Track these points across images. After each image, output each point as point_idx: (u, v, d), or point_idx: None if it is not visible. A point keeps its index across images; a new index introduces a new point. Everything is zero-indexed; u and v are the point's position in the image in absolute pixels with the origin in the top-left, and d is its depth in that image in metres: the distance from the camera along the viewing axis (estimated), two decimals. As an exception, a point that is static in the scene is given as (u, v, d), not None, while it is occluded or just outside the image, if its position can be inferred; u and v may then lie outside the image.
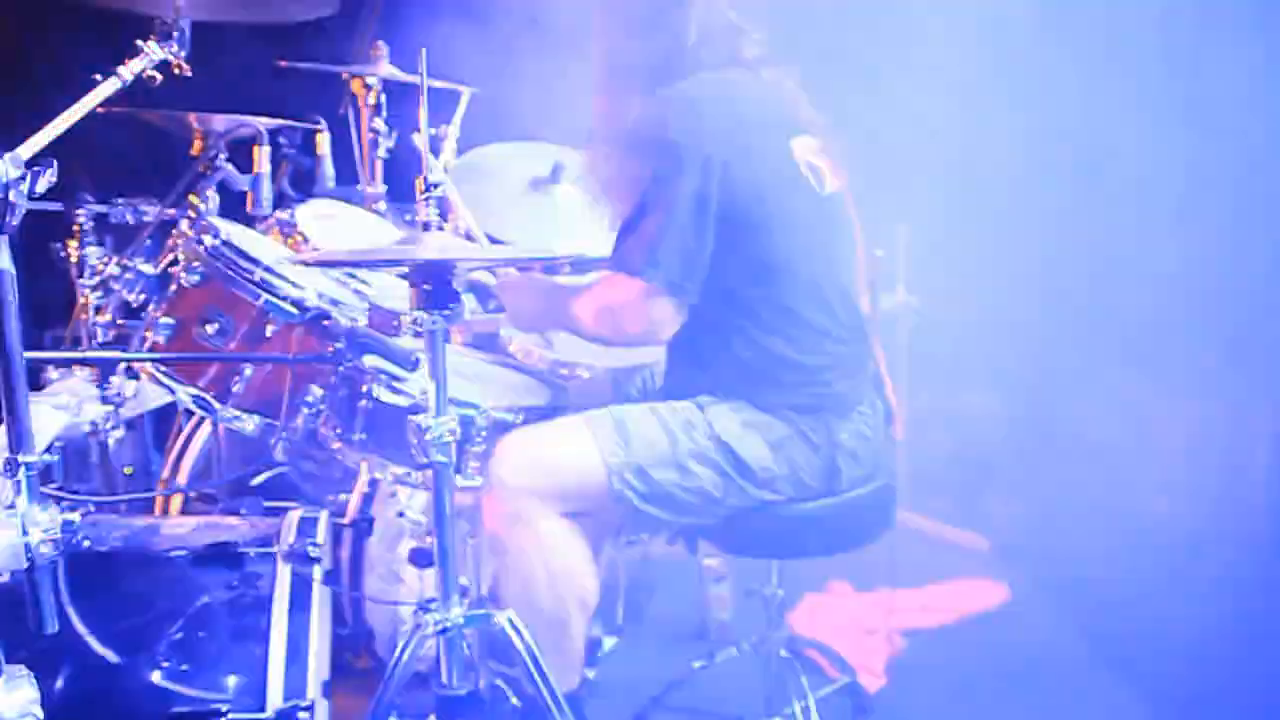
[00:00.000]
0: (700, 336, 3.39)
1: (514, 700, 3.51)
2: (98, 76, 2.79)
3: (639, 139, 3.34)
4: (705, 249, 3.24)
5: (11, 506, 2.32)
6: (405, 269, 2.89)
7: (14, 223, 2.21)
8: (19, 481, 2.31)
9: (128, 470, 4.10)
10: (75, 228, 3.62)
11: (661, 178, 3.24)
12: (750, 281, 3.31)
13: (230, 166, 3.68)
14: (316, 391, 3.41)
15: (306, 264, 3.62)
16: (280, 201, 4.06)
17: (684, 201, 3.22)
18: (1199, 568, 4.84)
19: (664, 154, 3.25)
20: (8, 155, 2.21)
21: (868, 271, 3.76)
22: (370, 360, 3.25)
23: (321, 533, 3.17)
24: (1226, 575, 4.67)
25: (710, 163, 3.23)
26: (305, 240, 3.99)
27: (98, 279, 3.55)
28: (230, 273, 3.42)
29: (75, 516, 2.43)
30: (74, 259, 3.61)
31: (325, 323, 3.29)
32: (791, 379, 3.38)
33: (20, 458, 2.30)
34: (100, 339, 3.53)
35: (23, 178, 2.21)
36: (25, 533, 2.29)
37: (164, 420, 4.42)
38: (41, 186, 2.28)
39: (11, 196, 2.19)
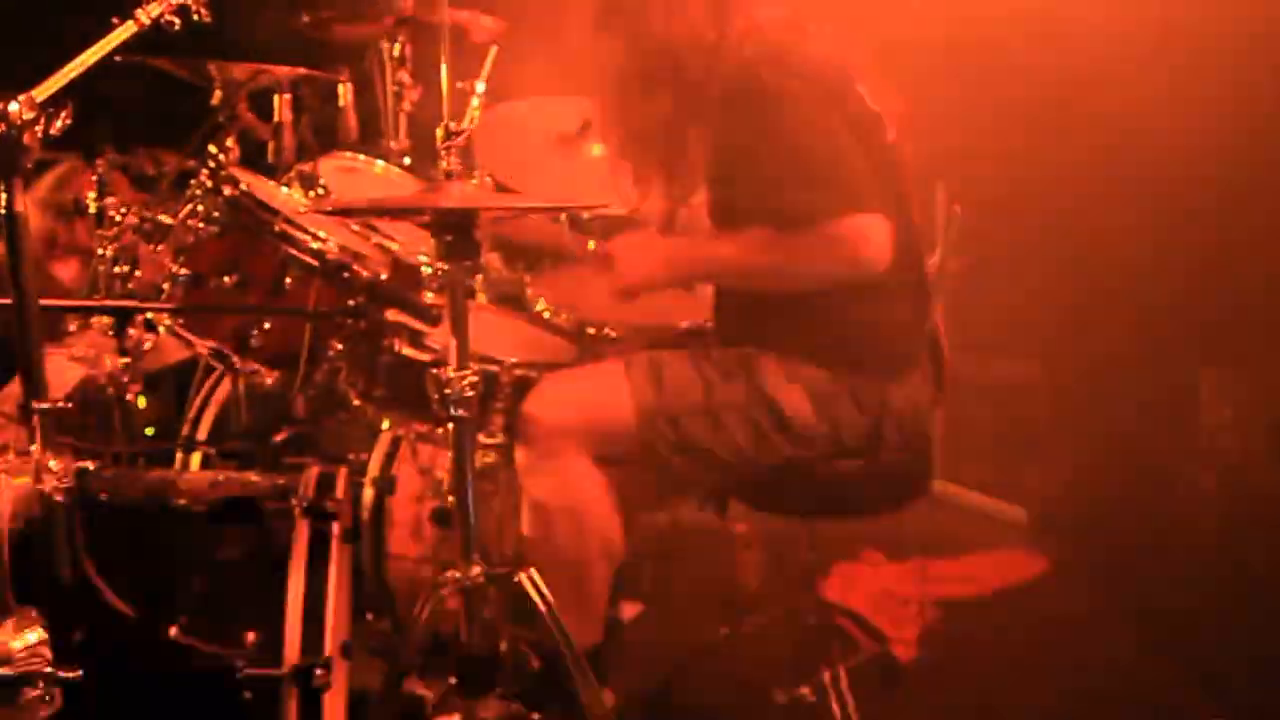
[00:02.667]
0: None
1: (534, 663, 3.55)
2: (115, 20, 2.81)
3: (724, 104, 3.35)
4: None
5: (27, 453, 2.36)
6: (427, 219, 2.92)
7: (29, 165, 2.24)
8: (34, 428, 2.35)
9: (149, 432, 4.14)
10: (93, 177, 3.66)
11: (796, 122, 3.26)
12: None
13: (251, 116, 3.71)
14: (337, 346, 3.44)
15: (325, 212, 3.65)
16: (302, 153, 4.09)
17: (836, 132, 3.26)
18: (1241, 542, 4.86)
19: (781, 105, 3.27)
20: (22, 96, 2.25)
21: (935, 227, 3.77)
22: (392, 314, 3.28)
23: (341, 489, 3.19)
24: (1271, 550, 4.68)
25: (828, 101, 3.29)
26: (326, 193, 4.02)
27: (115, 230, 3.58)
28: (250, 224, 3.45)
29: (90, 465, 2.48)
30: (92, 209, 3.65)
31: (346, 275, 3.33)
32: (850, 334, 3.42)
33: (35, 404, 2.34)
34: (118, 290, 3.56)
35: (37, 119, 2.25)
36: (39, 479, 2.34)
37: (187, 383, 4.46)
38: (56, 129, 2.31)
39: (26, 139, 2.22)
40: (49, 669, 2.20)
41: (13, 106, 2.21)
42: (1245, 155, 4.86)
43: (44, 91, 2.33)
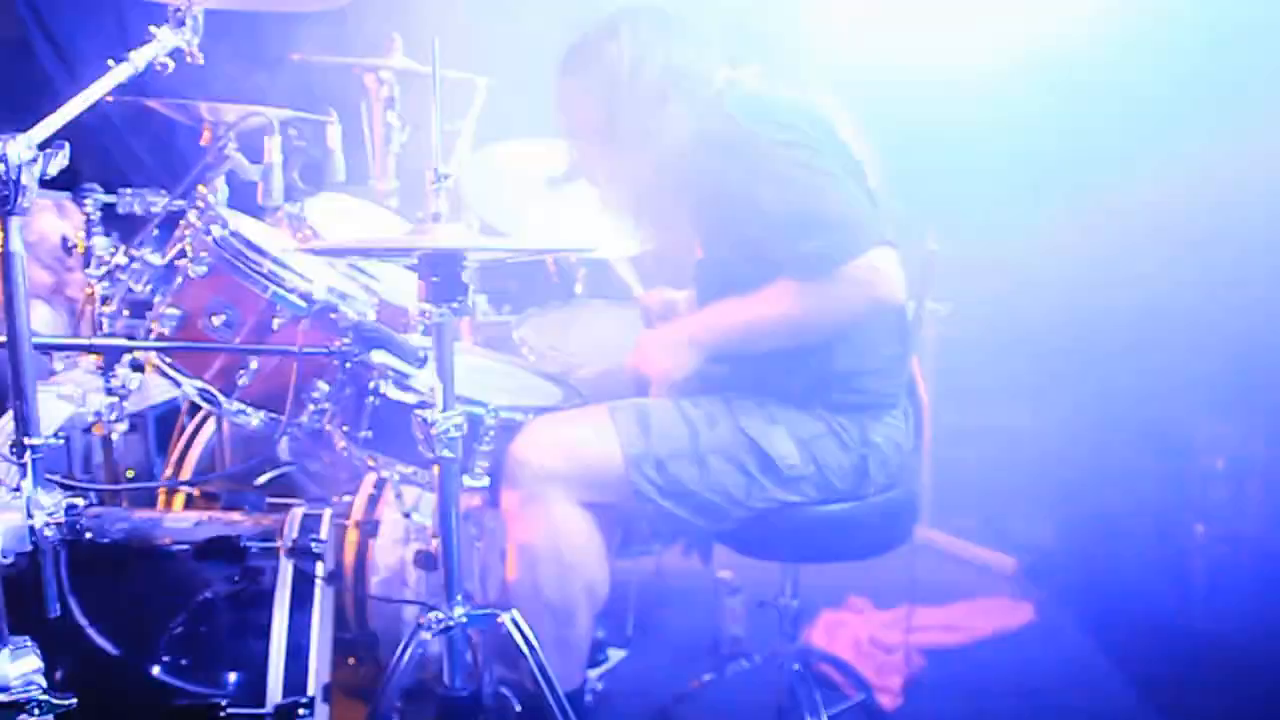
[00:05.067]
0: None
1: (516, 705, 3.60)
2: (110, 63, 2.87)
3: (711, 156, 3.41)
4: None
5: (17, 489, 2.42)
6: (414, 261, 2.98)
7: (25, 204, 2.31)
8: (24, 465, 2.41)
9: (130, 474, 4.18)
10: (83, 217, 3.71)
11: (793, 169, 3.31)
12: None
13: (240, 157, 3.77)
14: (323, 387, 3.49)
15: (313, 252, 3.71)
16: (290, 194, 4.14)
17: (835, 174, 3.33)
18: (1228, 591, 4.91)
19: (774, 153, 3.33)
20: (20, 136, 2.32)
21: (915, 270, 3.83)
22: (378, 356, 3.34)
23: (325, 530, 3.24)
24: (1257, 600, 4.73)
25: (819, 140, 3.37)
26: (314, 234, 4.08)
27: (104, 269, 3.64)
28: (238, 264, 3.51)
29: (79, 501, 2.54)
30: (81, 249, 3.70)
31: (332, 316, 3.38)
32: (831, 376, 3.49)
33: (27, 440, 2.41)
34: (106, 329, 3.61)
35: (34, 160, 2.32)
36: (30, 515, 2.40)
37: (167, 425, 4.51)
38: (53, 169, 2.38)
39: (23, 178, 2.30)
40: (44, 696, 2.24)
41: (10, 147, 2.28)
42: (1237, 202, 4.93)
43: (42, 132, 2.41)
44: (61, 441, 2.60)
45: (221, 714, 2.75)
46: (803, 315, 3.36)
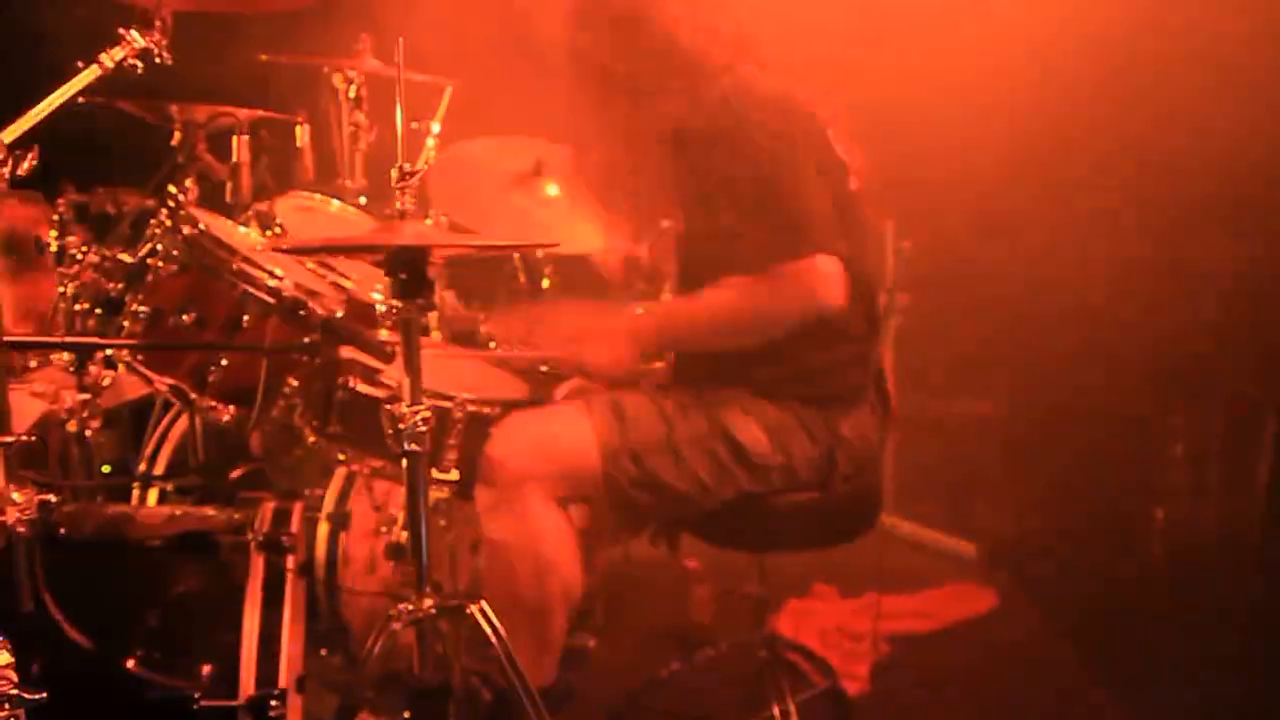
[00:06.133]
0: None
1: (486, 695, 3.60)
2: (80, 64, 2.88)
3: (699, 136, 3.42)
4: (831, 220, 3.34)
5: (-12, 486, 2.43)
6: (381, 258, 2.98)
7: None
8: (-3, 461, 2.42)
9: (105, 469, 4.18)
10: (55, 216, 3.72)
11: (771, 161, 3.32)
12: None
13: (210, 157, 3.77)
14: (292, 382, 3.50)
15: (282, 251, 3.71)
16: (259, 193, 4.15)
17: (806, 175, 3.35)
18: (1191, 576, 4.93)
19: (757, 142, 3.33)
20: (-10, 138, 2.33)
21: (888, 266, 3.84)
22: (347, 351, 3.34)
23: (296, 523, 3.24)
24: (1220, 584, 4.75)
25: (803, 144, 3.38)
26: (283, 232, 4.08)
27: (77, 268, 3.64)
28: (208, 262, 3.52)
29: (52, 497, 2.55)
30: (53, 247, 3.70)
31: (301, 312, 3.39)
32: (802, 369, 3.50)
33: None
34: (78, 327, 3.61)
35: (4, 161, 2.33)
36: (2, 511, 2.41)
37: (141, 421, 4.50)
38: (24, 170, 2.39)
39: (-6, 180, 2.31)
40: (15, 691, 2.25)
41: (-20, 148, 2.29)
42: (1201, 198, 4.95)
43: (11, 133, 2.41)
44: (34, 439, 2.61)
45: (194, 706, 2.74)
46: (743, 314, 3.38)
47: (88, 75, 2.87)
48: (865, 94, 4.47)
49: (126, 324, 3.54)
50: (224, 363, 3.49)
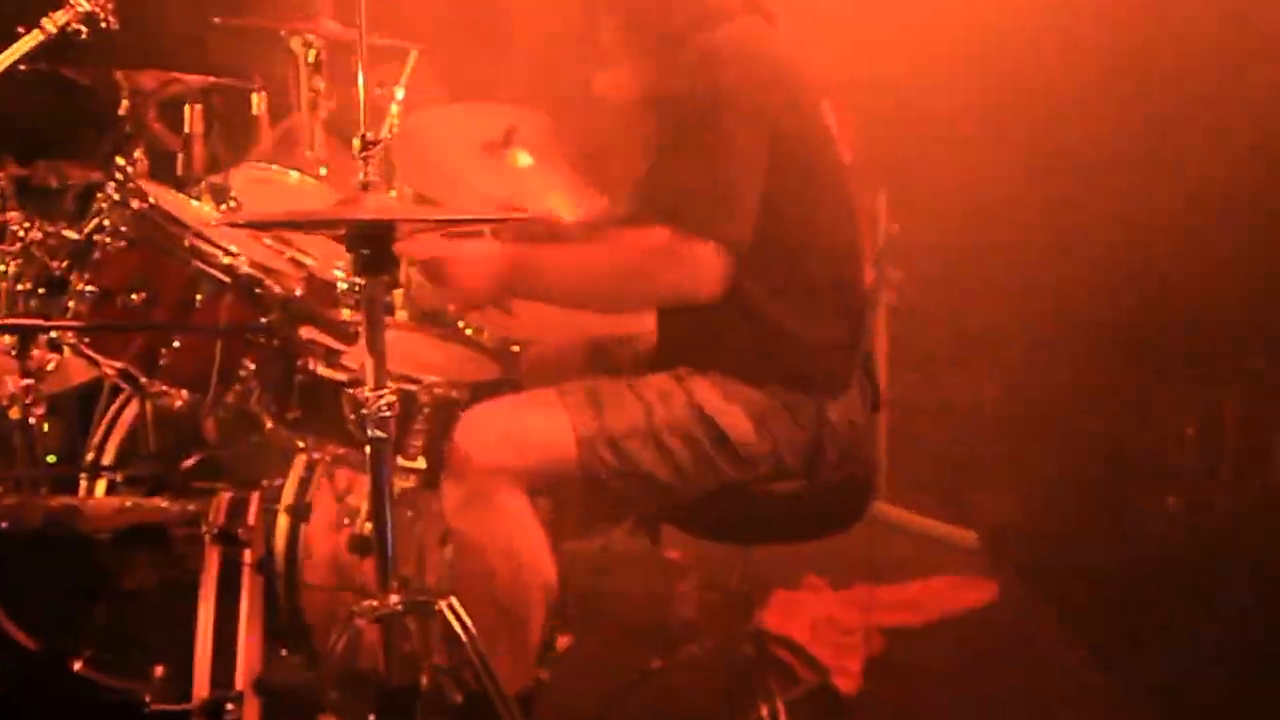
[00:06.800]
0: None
1: (456, 695, 3.59)
2: (20, 29, 2.86)
3: (672, 93, 3.37)
4: (755, 202, 3.27)
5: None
6: (342, 233, 2.96)
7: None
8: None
9: (51, 459, 4.17)
10: (-6, 190, 3.71)
11: (715, 128, 3.26)
12: (768, 245, 3.33)
13: (160, 126, 3.75)
14: (249, 366, 3.48)
15: (237, 226, 3.69)
16: (213, 165, 4.13)
17: (741, 152, 3.26)
18: (1203, 562, 4.94)
19: (717, 103, 3.27)
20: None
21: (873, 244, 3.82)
22: (307, 332, 3.33)
23: (253, 515, 3.23)
24: (1223, 572, 4.76)
25: (765, 112, 3.29)
26: (238, 206, 4.06)
27: (19, 245, 3.62)
28: (158, 238, 3.49)
29: (-8, 489, 2.54)
30: (-8, 226, 3.69)
31: (258, 291, 3.37)
32: (787, 351, 3.46)
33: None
34: (21, 309, 3.59)
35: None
36: (-62, 504, 2.40)
37: (89, 407, 4.48)
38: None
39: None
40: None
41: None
42: (1201, 176, 4.95)
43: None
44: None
45: (145, 710, 2.73)
46: (602, 277, 3.36)
47: (29, 41, 2.85)
48: (866, 69, 4.47)
49: (72, 304, 3.52)
50: (176, 345, 3.47)
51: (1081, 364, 5.62)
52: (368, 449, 2.94)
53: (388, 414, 2.91)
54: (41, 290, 3.65)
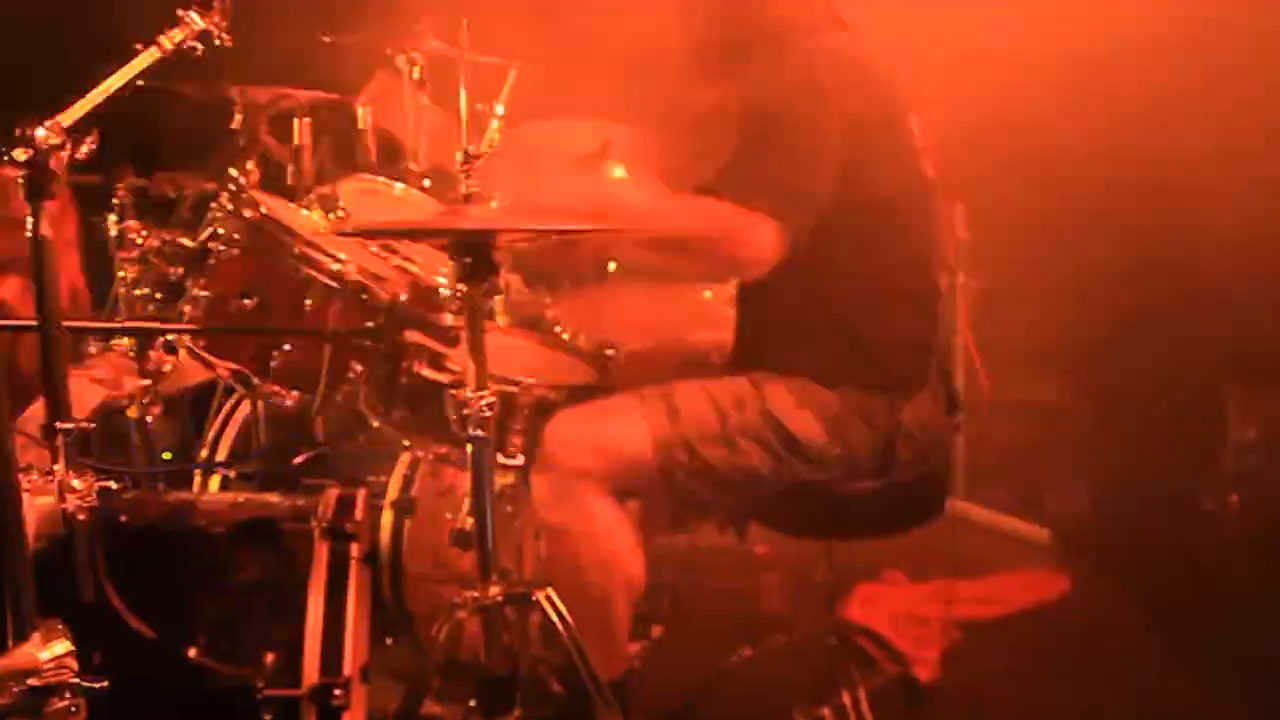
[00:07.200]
0: (782, 303, 3.44)
1: (554, 685, 3.57)
2: (138, 46, 2.86)
3: (766, 91, 3.35)
4: (826, 198, 3.25)
5: (50, 473, 2.41)
6: (445, 242, 2.95)
7: (55, 190, 2.30)
8: (57, 448, 2.40)
9: (166, 455, 4.18)
10: (115, 201, 3.71)
11: (810, 127, 3.25)
12: (854, 252, 3.35)
13: (271, 139, 3.75)
14: (356, 368, 3.48)
15: (345, 234, 3.69)
16: (321, 176, 4.13)
17: (830, 154, 3.24)
18: (1268, 561, 4.87)
19: (815, 103, 3.25)
20: (49, 122, 2.30)
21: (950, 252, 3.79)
22: (411, 336, 3.32)
23: (360, 510, 3.22)
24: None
25: (860, 122, 3.28)
26: (346, 215, 4.06)
27: (137, 252, 3.63)
28: (270, 246, 3.50)
29: (111, 484, 2.53)
30: (113, 232, 3.70)
31: (365, 297, 3.37)
32: (864, 355, 3.44)
33: (58, 424, 2.40)
34: (139, 312, 3.61)
35: (63, 145, 2.30)
36: (62, 498, 2.39)
37: (203, 407, 4.50)
38: (82, 154, 2.36)
39: (52, 164, 2.28)
40: (75, 680, 2.22)
41: (40, 132, 2.27)
42: (1272, 178, 4.88)
43: (70, 117, 2.39)
44: (93, 426, 2.60)
45: (257, 696, 2.73)
46: (683, 221, 3.31)
47: (146, 58, 2.84)
48: (943, 87, 4.43)
49: (188, 309, 3.53)
50: (287, 348, 3.48)
51: (1149, 367, 5.55)
52: (469, 447, 2.94)
53: (488, 414, 2.91)
54: (159, 295, 3.67)
